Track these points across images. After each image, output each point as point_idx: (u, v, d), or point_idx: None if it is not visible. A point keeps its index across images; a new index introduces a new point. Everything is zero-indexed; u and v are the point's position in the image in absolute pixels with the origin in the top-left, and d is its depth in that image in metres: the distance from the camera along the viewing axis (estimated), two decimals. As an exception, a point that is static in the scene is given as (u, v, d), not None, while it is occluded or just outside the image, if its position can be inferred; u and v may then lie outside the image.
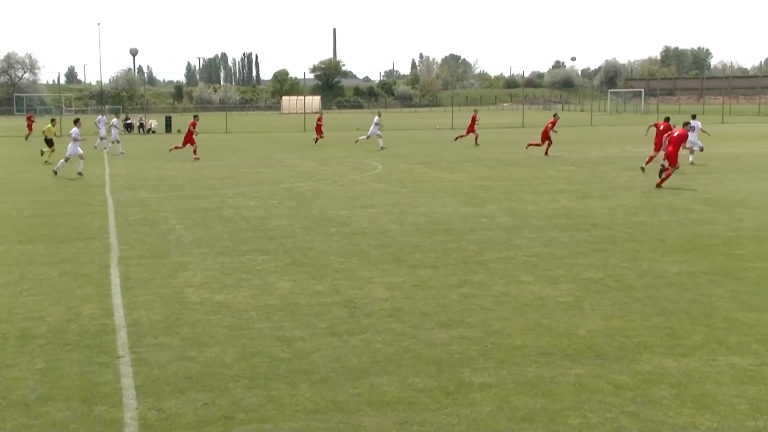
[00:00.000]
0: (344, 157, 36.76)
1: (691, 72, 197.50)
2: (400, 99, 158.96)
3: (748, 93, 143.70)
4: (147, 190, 25.34)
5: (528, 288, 12.07)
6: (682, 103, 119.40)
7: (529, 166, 31.61)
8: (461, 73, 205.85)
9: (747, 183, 24.81)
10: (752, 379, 8.15)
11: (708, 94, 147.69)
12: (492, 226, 17.57)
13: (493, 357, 8.98)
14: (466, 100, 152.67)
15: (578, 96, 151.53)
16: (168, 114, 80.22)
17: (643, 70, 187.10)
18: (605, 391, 7.92)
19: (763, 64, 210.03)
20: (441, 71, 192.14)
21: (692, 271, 12.99)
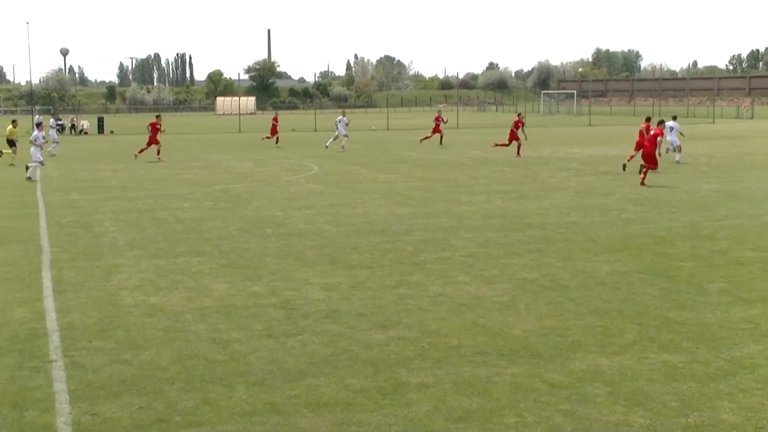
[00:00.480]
0: (280, 158, 36.58)
1: (621, 74, 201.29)
2: (336, 100, 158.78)
3: (677, 95, 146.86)
4: (79, 191, 24.89)
5: (464, 288, 12.15)
6: (613, 104, 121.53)
7: (464, 167, 31.84)
8: (396, 74, 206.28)
9: (676, 183, 25.33)
10: (683, 376, 8.32)
11: (638, 96, 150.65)
12: (428, 226, 17.65)
13: (429, 357, 9.01)
14: (401, 101, 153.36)
15: (512, 97, 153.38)
16: (100, 115, 78.92)
17: (575, 71, 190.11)
18: (540, 389, 8.01)
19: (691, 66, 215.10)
20: (376, 72, 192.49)
21: (624, 270, 13.21)
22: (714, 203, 20.76)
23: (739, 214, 18.83)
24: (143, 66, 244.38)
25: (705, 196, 22.27)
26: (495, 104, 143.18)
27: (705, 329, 9.92)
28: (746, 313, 10.58)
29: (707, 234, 16.32)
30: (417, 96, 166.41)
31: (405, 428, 7.17)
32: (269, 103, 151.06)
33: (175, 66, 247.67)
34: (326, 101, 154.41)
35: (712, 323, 10.17)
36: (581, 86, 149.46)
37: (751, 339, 9.52)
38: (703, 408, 7.48)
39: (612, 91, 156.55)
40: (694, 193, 22.79)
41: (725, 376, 8.30)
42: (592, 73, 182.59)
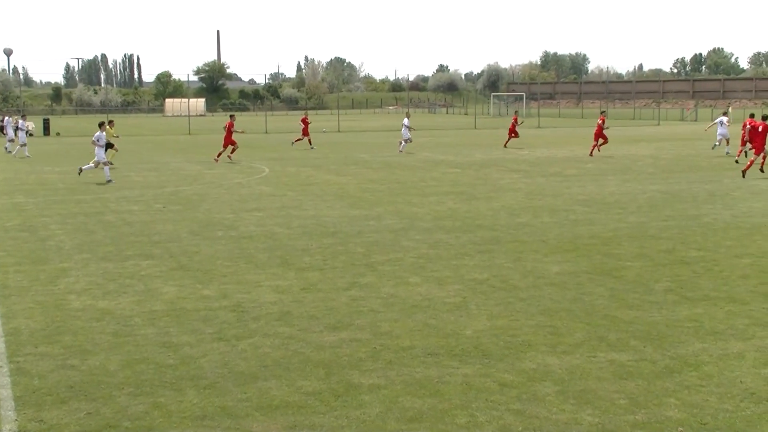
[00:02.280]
0: (230, 160, 36.28)
1: (569, 76, 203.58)
2: (286, 102, 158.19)
3: (624, 97, 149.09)
4: (25, 194, 24.48)
5: (416, 289, 12.19)
6: (562, 106, 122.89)
7: (415, 169, 31.95)
8: (347, 76, 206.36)
9: (623, 185, 25.71)
10: (631, 375, 8.44)
11: (586, 98, 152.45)
12: (380, 228, 17.68)
13: (381, 358, 9.03)
14: (352, 103, 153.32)
15: (462, 99, 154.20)
16: (46, 116, 77.64)
17: (524, 74, 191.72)
18: (491, 389, 8.07)
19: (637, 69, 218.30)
20: (326, 74, 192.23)
21: (573, 270, 13.37)
22: (660, 204, 21.10)
23: (683, 215, 19.16)
24: (90, 67, 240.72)
25: (651, 197, 22.62)
26: (445, 106, 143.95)
27: (652, 328, 10.08)
28: (691, 312, 10.78)
29: (653, 234, 16.59)
30: (368, 98, 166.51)
31: (357, 430, 7.18)
32: (219, 104, 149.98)
33: (123, 67, 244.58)
34: (277, 103, 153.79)
35: (658, 322, 10.34)
36: (530, 88, 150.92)
37: (696, 337, 9.70)
38: (650, 405, 7.60)
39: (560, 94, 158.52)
40: (640, 195, 23.13)
41: (671, 373, 8.45)
42: (540, 76, 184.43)
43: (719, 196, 22.68)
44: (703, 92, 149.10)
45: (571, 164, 33.52)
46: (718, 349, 9.23)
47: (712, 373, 8.43)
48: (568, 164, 33.54)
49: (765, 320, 10.36)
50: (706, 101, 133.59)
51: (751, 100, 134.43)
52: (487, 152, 40.85)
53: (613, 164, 33.42)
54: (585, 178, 28.02)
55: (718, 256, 14.32)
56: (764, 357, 8.94)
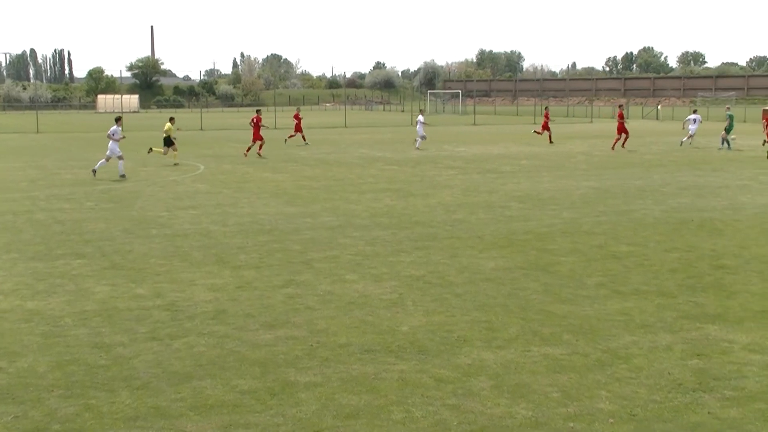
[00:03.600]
0: (164, 157, 35.82)
1: (505, 74, 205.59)
2: (222, 98, 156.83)
3: (558, 95, 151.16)
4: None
5: (352, 286, 12.20)
6: (497, 104, 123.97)
7: (352, 166, 31.94)
8: (283, 73, 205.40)
9: (557, 181, 26.06)
10: (564, 368, 8.57)
11: (521, 96, 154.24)
12: (316, 225, 17.64)
13: (318, 356, 9.02)
14: (289, 100, 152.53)
15: (399, 96, 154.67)
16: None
17: (460, 72, 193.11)
18: (427, 385, 8.12)
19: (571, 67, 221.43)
20: (263, 71, 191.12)
21: (508, 266, 13.52)
22: (592, 200, 21.44)
23: (615, 210, 19.51)
24: (18, 62, 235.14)
25: (584, 193, 22.98)
26: (382, 103, 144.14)
27: (584, 322, 10.25)
28: (622, 306, 10.98)
29: (586, 230, 16.85)
30: (305, 95, 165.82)
31: (293, 428, 7.16)
32: (153, 101, 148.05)
33: (53, 62, 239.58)
34: (212, 100, 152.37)
35: (590, 316, 10.51)
36: (466, 86, 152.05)
37: (626, 330, 9.89)
38: (582, 398, 7.73)
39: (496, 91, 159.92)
40: (573, 191, 23.48)
41: (602, 366, 8.60)
42: (476, 74, 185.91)
43: (649, 192, 23.14)
44: (634, 90, 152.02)
45: (507, 161, 33.87)
46: (648, 342, 9.42)
47: (642, 366, 8.61)
48: (504, 161, 33.88)
49: (692, 313, 10.61)
50: (638, 99, 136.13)
51: (680, 98, 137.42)
52: (423, 149, 40.99)
53: (548, 161, 33.84)
54: (520, 174, 28.33)
55: (648, 251, 14.61)
56: (691, 349, 9.15)
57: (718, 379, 8.20)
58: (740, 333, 9.75)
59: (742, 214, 18.87)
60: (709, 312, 10.67)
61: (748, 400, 7.65)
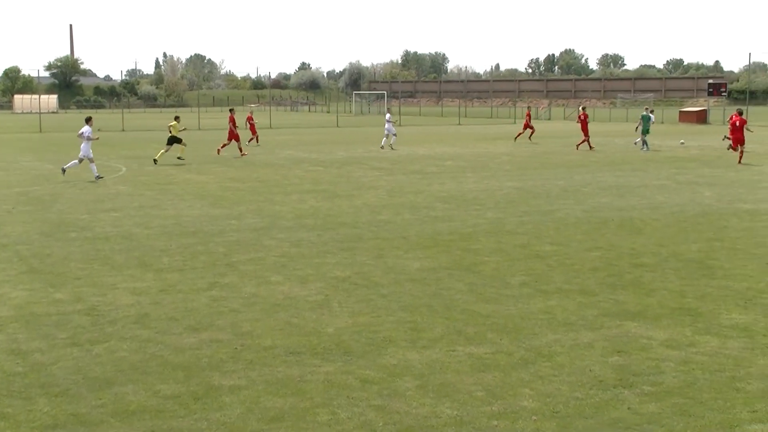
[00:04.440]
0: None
1: (429, 75, 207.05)
2: (144, 99, 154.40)
3: (482, 96, 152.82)
4: None
5: (278, 288, 12.13)
6: (422, 105, 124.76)
7: (277, 167, 31.77)
8: (207, 74, 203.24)
9: (481, 182, 26.33)
10: (488, 367, 8.66)
11: (446, 97, 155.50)
12: (241, 227, 17.50)
13: (242, 359, 8.95)
14: (213, 100, 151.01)
15: (324, 97, 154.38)
16: None
17: (386, 73, 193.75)
18: (353, 386, 8.12)
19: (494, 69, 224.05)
20: (186, 71, 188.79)
21: (433, 266, 13.60)
22: (516, 200, 21.72)
23: (538, 210, 19.80)
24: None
25: (507, 193, 23.26)
26: (307, 104, 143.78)
27: (508, 321, 10.37)
28: (545, 304, 11.15)
29: (510, 230, 17.06)
30: (229, 95, 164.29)
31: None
32: (73, 101, 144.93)
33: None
34: (134, 100, 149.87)
35: (514, 315, 10.64)
36: (391, 87, 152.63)
37: (549, 328, 10.04)
38: (506, 396, 7.82)
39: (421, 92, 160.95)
40: (497, 191, 23.75)
41: (526, 364, 8.72)
42: (401, 75, 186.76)
43: (571, 191, 23.55)
44: (556, 92, 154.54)
45: (432, 162, 34.09)
46: (570, 340, 9.58)
47: (564, 363, 8.75)
48: (429, 162, 34.10)
49: (613, 311, 10.83)
50: (559, 100, 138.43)
51: (600, 99, 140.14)
52: (349, 150, 41.03)
53: (472, 161, 34.17)
54: (445, 175, 28.54)
55: (569, 250, 14.86)
56: (612, 346, 9.34)
57: (638, 375, 8.38)
58: (658, 329, 9.98)
59: (660, 213, 19.33)
60: (629, 309, 10.90)
61: (666, 394, 7.84)
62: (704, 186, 24.76)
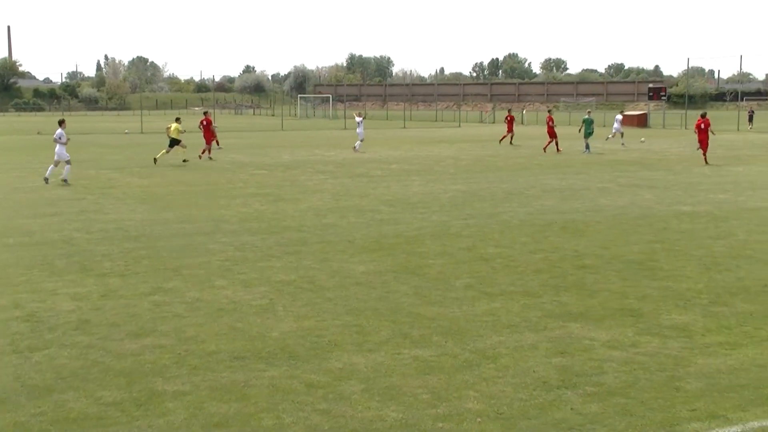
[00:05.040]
0: (26, 162, 34.54)
1: (375, 79, 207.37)
2: (85, 102, 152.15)
3: (427, 99, 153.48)
4: None
5: (222, 292, 12.03)
6: (368, 108, 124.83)
7: (222, 171, 31.53)
8: (150, 76, 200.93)
9: (427, 185, 26.43)
10: (433, 369, 8.69)
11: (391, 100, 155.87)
12: (185, 231, 17.32)
13: (186, 364, 8.85)
14: (156, 103, 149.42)
15: (269, 100, 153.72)
16: None
17: (331, 76, 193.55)
18: (298, 390, 8.08)
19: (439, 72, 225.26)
20: (128, 74, 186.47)
21: (379, 269, 13.61)
22: (461, 203, 21.84)
23: (482, 213, 19.93)
24: None
25: (453, 196, 23.39)
26: (252, 107, 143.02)
27: (453, 323, 10.42)
28: (489, 306, 11.22)
29: (455, 233, 17.15)
30: (172, 98, 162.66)
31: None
32: (11, 104, 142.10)
33: None
34: (75, 103, 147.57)
35: (459, 317, 10.70)
36: (337, 90, 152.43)
37: (493, 331, 10.11)
38: (451, 398, 7.85)
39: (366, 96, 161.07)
40: (442, 194, 23.86)
41: (471, 367, 8.77)
42: (347, 78, 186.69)
43: (515, 194, 23.76)
44: (500, 95, 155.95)
45: (377, 165, 34.13)
46: (514, 341, 9.66)
47: (509, 365, 8.82)
48: (374, 165, 34.13)
49: (556, 312, 10.95)
50: (503, 104, 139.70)
51: (543, 103, 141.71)
52: (294, 153, 40.90)
53: (417, 165, 34.29)
54: (390, 178, 28.60)
55: (514, 252, 14.99)
56: (555, 347, 9.44)
57: (580, 375, 8.48)
58: (601, 330, 10.11)
59: (602, 215, 19.60)
60: (572, 311, 11.02)
61: (608, 395, 7.94)
62: (645, 189, 25.17)
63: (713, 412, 7.50)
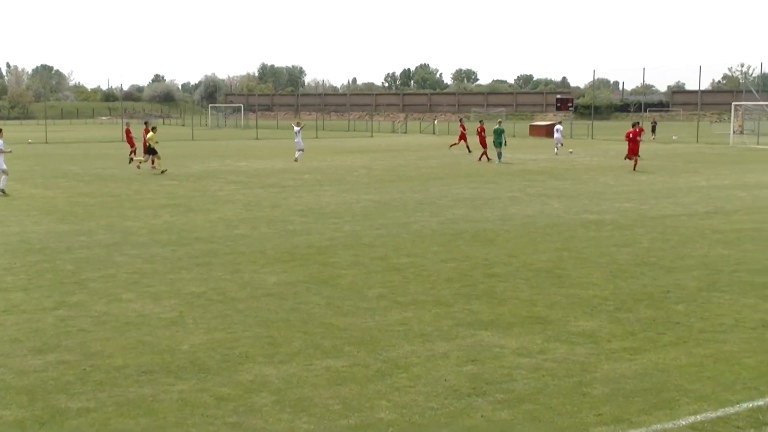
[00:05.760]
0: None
1: (287, 88, 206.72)
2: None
3: (339, 109, 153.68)
4: None
5: (130, 306, 11.78)
6: (279, 118, 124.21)
7: (130, 181, 30.94)
8: (55, 85, 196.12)
9: (339, 195, 26.43)
10: (345, 380, 8.67)
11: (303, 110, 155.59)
12: (91, 243, 16.92)
13: (92, 380, 8.62)
14: (61, 113, 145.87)
15: (179, 110, 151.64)
16: None
17: (242, 85, 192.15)
18: (208, 404, 7.96)
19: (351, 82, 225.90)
20: (32, 82, 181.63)
21: (291, 280, 13.53)
22: (373, 213, 21.90)
23: (395, 223, 20.02)
24: None
25: (365, 206, 23.43)
26: (162, 117, 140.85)
27: (365, 333, 10.42)
28: (401, 316, 11.26)
29: (367, 242, 17.18)
30: (78, 108, 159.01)
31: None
32: None
33: None
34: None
35: (371, 327, 10.70)
36: (248, 100, 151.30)
37: (405, 340, 10.15)
38: (363, 409, 7.84)
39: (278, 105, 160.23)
40: (355, 204, 23.88)
41: (383, 376, 8.77)
42: (258, 88, 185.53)
43: (427, 204, 23.93)
44: (412, 105, 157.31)
45: (289, 175, 33.98)
46: (426, 351, 9.71)
47: (420, 374, 8.86)
48: (286, 175, 33.97)
49: (467, 320, 11.05)
50: (415, 114, 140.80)
51: (455, 113, 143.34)
52: (205, 164, 40.40)
53: (330, 175, 34.27)
54: (302, 188, 28.50)
55: (426, 262, 15.09)
56: (466, 355, 9.52)
57: (491, 383, 8.57)
58: (510, 338, 10.25)
59: (511, 224, 19.90)
60: (483, 319, 11.14)
61: (518, 401, 8.05)
62: (553, 198, 25.66)
63: (618, 416, 7.66)
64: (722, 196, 25.83)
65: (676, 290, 12.79)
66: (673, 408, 7.85)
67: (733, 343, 10.00)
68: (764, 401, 8.01)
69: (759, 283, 13.21)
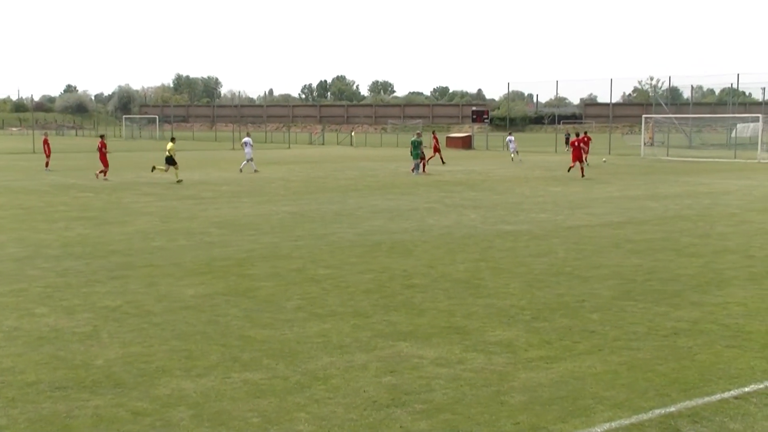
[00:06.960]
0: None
1: (203, 99, 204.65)
2: None
3: (256, 121, 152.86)
4: None
5: (42, 320, 11.51)
6: (195, 129, 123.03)
7: (42, 193, 30.22)
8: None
9: (257, 206, 26.28)
10: (264, 393, 8.63)
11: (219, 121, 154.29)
12: (1, 257, 16.47)
13: (3, 396, 8.40)
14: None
15: (92, 121, 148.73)
16: None
17: (157, 96, 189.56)
18: (124, 419, 7.84)
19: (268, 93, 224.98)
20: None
21: (208, 292, 13.40)
22: (291, 225, 21.84)
23: (313, 234, 20.01)
24: None
25: (283, 218, 23.35)
26: (75, 128, 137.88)
27: (284, 345, 10.39)
28: (320, 328, 11.27)
29: (285, 254, 17.13)
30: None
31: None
32: None
33: None
34: None
35: (290, 339, 10.68)
36: (163, 111, 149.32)
37: (324, 352, 10.15)
38: (282, 421, 7.82)
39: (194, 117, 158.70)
40: (273, 216, 23.78)
41: (302, 388, 8.77)
42: (173, 99, 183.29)
43: (345, 215, 23.98)
44: (329, 117, 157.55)
45: (207, 187, 33.65)
46: (345, 362, 9.73)
47: (339, 385, 8.88)
48: (204, 187, 33.64)
49: (386, 331, 11.11)
50: (332, 125, 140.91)
51: (372, 125, 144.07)
52: (120, 175, 39.70)
53: (247, 186, 34.05)
54: (220, 200, 28.25)
55: (344, 273, 15.12)
56: (385, 366, 9.58)
57: (409, 393, 8.64)
58: (429, 348, 10.34)
59: (429, 235, 20.08)
60: (401, 330, 11.22)
61: (436, 411, 8.13)
62: (470, 209, 25.98)
63: (535, 424, 7.81)
64: (635, 207, 26.53)
65: (591, 299, 13.09)
66: (588, 415, 8.04)
67: (646, 351, 10.28)
68: (676, 407, 8.25)
69: (670, 292, 13.61)
